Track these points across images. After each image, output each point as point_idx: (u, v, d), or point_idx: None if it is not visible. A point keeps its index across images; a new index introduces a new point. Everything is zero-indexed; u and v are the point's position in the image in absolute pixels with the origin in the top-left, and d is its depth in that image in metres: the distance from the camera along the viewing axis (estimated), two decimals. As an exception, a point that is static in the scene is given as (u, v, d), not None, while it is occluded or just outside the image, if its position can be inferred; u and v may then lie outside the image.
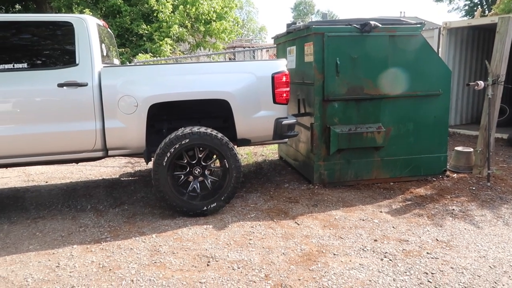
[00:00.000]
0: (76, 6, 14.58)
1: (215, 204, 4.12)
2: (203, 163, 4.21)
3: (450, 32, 8.61)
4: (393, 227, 3.79)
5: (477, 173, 5.31)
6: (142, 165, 6.54)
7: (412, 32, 4.82)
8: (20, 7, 18.71)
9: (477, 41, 9.18)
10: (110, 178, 5.82)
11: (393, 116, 4.94)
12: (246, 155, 6.91)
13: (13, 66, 4.00)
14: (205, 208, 4.09)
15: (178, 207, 4.06)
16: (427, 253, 3.27)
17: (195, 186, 4.20)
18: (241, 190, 4.84)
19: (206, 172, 4.24)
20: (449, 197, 4.57)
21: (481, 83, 5.12)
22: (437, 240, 3.51)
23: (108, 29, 5.20)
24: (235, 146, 4.29)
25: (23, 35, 4.28)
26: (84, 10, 13.16)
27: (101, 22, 4.76)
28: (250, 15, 58.78)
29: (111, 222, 4.06)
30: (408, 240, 3.50)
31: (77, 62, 4.07)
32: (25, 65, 4.05)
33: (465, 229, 3.73)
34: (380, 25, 4.69)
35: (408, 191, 4.77)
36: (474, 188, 4.86)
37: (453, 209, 4.20)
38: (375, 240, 3.50)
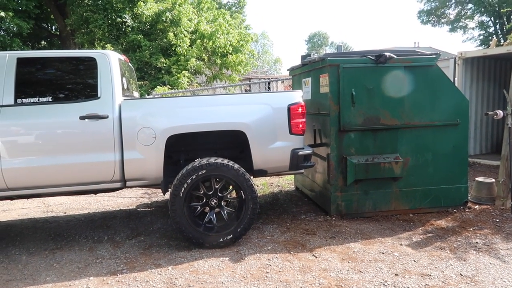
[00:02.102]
0: (98, 41, 15.20)
1: (231, 235, 4.08)
2: (220, 194, 4.21)
3: (465, 62, 8.60)
4: (414, 260, 3.67)
5: (500, 204, 5.15)
6: (158, 196, 6.57)
7: (428, 63, 4.84)
8: (45, 43, 19.60)
9: (493, 70, 9.13)
10: (127, 209, 5.85)
11: (411, 146, 4.89)
12: (262, 185, 6.88)
13: (38, 99, 4.15)
14: (221, 239, 4.05)
15: (194, 239, 4.04)
16: (452, 288, 3.15)
17: (212, 217, 4.19)
18: (257, 222, 4.80)
19: (222, 203, 4.23)
20: (471, 229, 4.43)
21: (500, 113, 5.06)
22: (461, 275, 3.38)
23: (129, 63, 5.38)
24: (252, 177, 4.29)
25: (48, 70, 4.48)
26: (106, 45, 13.70)
27: (123, 57, 4.94)
28: (265, 47, 60.15)
29: (128, 253, 4.05)
30: (430, 275, 3.38)
31: (99, 95, 4.20)
32: (49, 98, 4.20)
33: (490, 263, 3.59)
34: (395, 56, 4.74)
35: (428, 223, 4.64)
36: (497, 220, 4.70)
37: (477, 242, 4.06)
38: (396, 275, 3.40)
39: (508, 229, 4.39)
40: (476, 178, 5.61)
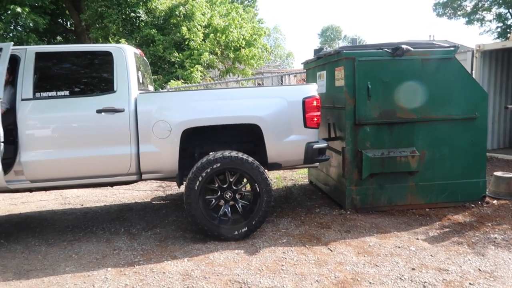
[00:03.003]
0: (112, 36, 15.33)
1: (246, 228, 4.10)
2: (234, 187, 4.22)
3: (484, 54, 8.42)
4: (431, 255, 3.63)
5: (519, 199, 5.06)
6: (173, 189, 6.63)
7: (446, 55, 4.75)
8: (61, 38, 19.87)
9: (512, 63, 8.93)
10: (142, 202, 5.92)
11: (427, 140, 4.82)
12: (275, 179, 6.88)
13: (56, 93, 4.21)
14: (236, 232, 4.07)
15: (209, 231, 4.06)
16: (470, 283, 3.11)
17: (226, 210, 4.21)
18: (271, 215, 4.80)
19: (237, 196, 4.24)
20: (490, 224, 4.36)
21: (520, 106, 4.95)
22: (480, 270, 3.34)
23: (144, 57, 5.42)
24: (266, 170, 4.29)
25: (65, 64, 4.54)
26: (120, 40, 13.81)
27: (138, 51, 4.97)
28: (277, 41, 59.87)
29: (144, 245, 4.10)
30: (448, 270, 3.34)
31: (115, 89, 4.23)
32: (67, 92, 4.26)
33: (509, 258, 3.53)
34: (412, 49, 4.66)
35: (445, 218, 4.58)
36: (516, 215, 4.62)
37: (495, 238, 3.99)
38: (413, 269, 3.37)
39: (528, 225, 4.32)
40: (494, 173, 5.51)
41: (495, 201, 5.12)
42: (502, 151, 8.61)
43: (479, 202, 5.00)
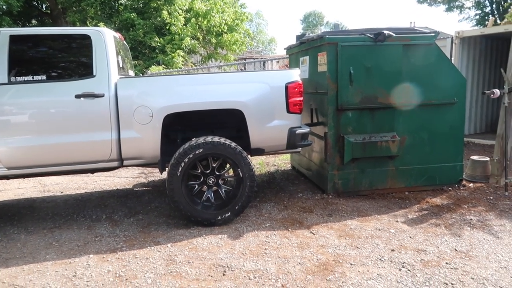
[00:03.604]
0: (90, 20, 14.91)
1: (229, 213, 4.11)
2: (217, 173, 4.21)
3: (463, 41, 8.57)
4: (410, 237, 3.73)
5: (494, 182, 5.22)
6: (155, 175, 6.58)
7: (427, 41, 4.81)
8: (36, 21, 19.19)
9: (490, 50, 9.12)
10: (124, 189, 5.86)
11: (407, 125, 4.90)
12: (258, 165, 6.91)
13: (33, 78, 4.09)
14: (219, 217, 4.09)
15: (192, 217, 4.06)
16: (446, 263, 3.21)
17: (209, 195, 4.21)
18: (254, 200, 4.83)
19: (220, 182, 4.24)
20: (466, 206, 4.49)
21: (497, 92, 5.07)
22: (456, 250, 3.45)
23: (124, 42, 5.29)
24: (249, 156, 4.29)
25: (42, 48, 4.39)
26: (99, 24, 13.44)
27: (117, 35, 4.85)
28: (259, 27, 59.32)
29: (126, 232, 4.08)
30: (426, 250, 3.44)
31: (94, 74, 4.14)
32: (44, 77, 4.13)
33: (484, 239, 3.66)
34: (394, 35, 4.69)
35: (424, 201, 4.70)
36: (491, 197, 4.77)
37: (471, 219, 4.12)
38: (392, 250, 3.46)
39: (502, 206, 4.47)
40: (471, 157, 5.66)
41: (471, 184, 5.28)
42: (479, 136, 8.86)
43: (456, 185, 5.15)
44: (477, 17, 29.47)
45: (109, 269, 3.26)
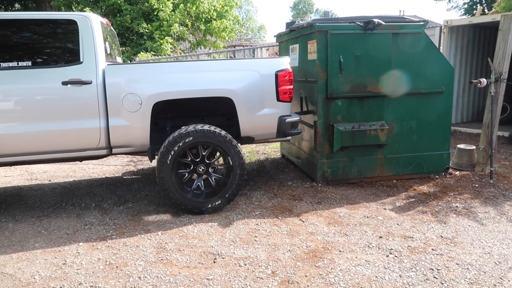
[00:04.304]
0: (76, 4, 14.57)
1: (219, 201, 4.12)
2: (207, 161, 4.21)
3: (451, 30, 8.63)
4: (397, 224, 3.80)
5: (480, 170, 5.32)
6: (144, 163, 6.54)
7: (416, 30, 4.82)
8: (19, 6, 18.68)
9: (478, 39, 9.20)
10: (113, 177, 5.82)
11: (396, 114, 4.95)
12: (248, 153, 6.91)
13: (17, 64, 4.00)
14: (209, 205, 4.10)
15: (182, 205, 4.06)
16: (432, 249, 3.28)
17: (199, 183, 4.21)
18: (244, 188, 4.85)
19: (210, 170, 4.24)
20: (452, 194, 4.58)
21: (484, 81, 5.14)
22: (442, 236, 3.53)
23: (111, 27, 5.20)
24: (239, 144, 4.29)
25: (27, 33, 4.27)
26: (85, 9, 13.15)
27: (105, 20, 4.76)
28: (249, 14, 58.81)
29: (116, 220, 4.07)
30: (413, 237, 3.51)
31: (81, 60, 4.06)
32: (29, 63, 4.05)
33: (469, 226, 3.75)
34: (384, 23, 4.70)
35: (411, 189, 4.78)
36: (477, 185, 4.87)
37: (457, 206, 4.21)
38: (380, 237, 3.52)
39: (487, 194, 4.57)
40: (458, 146, 5.75)
41: (457, 172, 5.37)
42: (466, 124, 8.99)
43: (443, 174, 5.24)
44: (466, 6, 29.60)
45: (99, 257, 3.25)
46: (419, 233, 3.61)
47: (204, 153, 4.18)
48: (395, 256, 3.18)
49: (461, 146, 5.71)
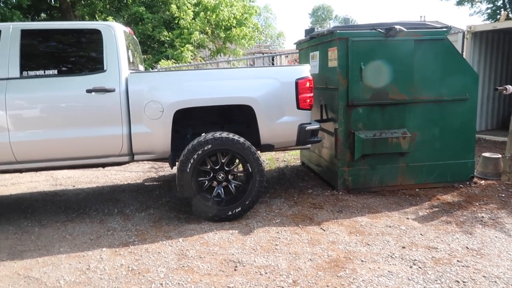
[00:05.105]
0: (99, 14, 14.95)
1: (239, 208, 4.13)
2: (226, 168, 4.22)
3: (474, 35, 8.46)
4: (421, 234, 3.72)
5: (506, 179, 5.17)
6: (165, 170, 6.62)
7: (438, 36, 4.75)
8: (45, 15, 19.28)
9: (502, 44, 8.99)
10: (134, 183, 5.91)
11: (418, 121, 4.87)
12: (268, 160, 6.91)
13: (44, 72, 4.12)
14: (230, 213, 4.10)
15: (203, 213, 4.09)
16: (458, 261, 3.20)
17: (219, 191, 4.22)
18: (265, 196, 4.84)
19: (229, 177, 4.25)
20: (477, 204, 4.46)
21: (510, 88, 5.02)
22: (467, 248, 3.43)
23: (133, 36, 5.31)
24: (258, 152, 4.29)
25: (53, 42, 4.41)
26: (107, 18, 13.48)
27: (127, 29, 4.86)
28: (268, 21, 59.09)
29: (138, 226, 4.12)
30: (437, 248, 3.43)
31: (105, 68, 4.16)
32: (55, 71, 4.17)
33: (496, 237, 3.63)
34: (405, 30, 4.65)
35: (434, 198, 4.68)
36: (503, 195, 4.73)
37: (483, 217, 4.10)
38: (403, 247, 3.45)
39: (514, 204, 4.43)
40: (483, 154, 5.61)
41: (483, 182, 5.23)
42: (490, 132, 8.76)
43: (468, 183, 5.11)
44: (489, 11, 29.00)
45: (122, 263, 3.30)
46: (444, 243, 3.52)
47: (223, 161, 4.20)
48: (419, 267, 3.11)
49: (486, 154, 5.57)
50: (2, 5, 14.96)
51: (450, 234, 3.71)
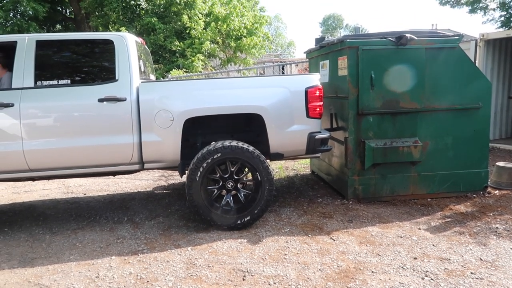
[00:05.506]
0: (112, 24, 15.21)
1: (248, 217, 4.11)
2: (236, 177, 4.22)
3: (487, 43, 8.36)
4: (433, 245, 3.65)
5: (521, 189, 5.06)
6: (175, 178, 6.64)
7: (450, 44, 4.71)
8: (60, 26, 19.72)
9: (516, 52, 8.86)
10: (144, 191, 5.94)
11: (430, 130, 4.81)
12: (277, 169, 6.89)
13: (58, 82, 4.20)
14: (239, 221, 4.09)
15: (212, 221, 4.08)
16: (471, 273, 3.12)
17: (229, 200, 4.22)
18: (274, 205, 4.82)
19: (238, 186, 4.25)
20: (491, 214, 4.37)
21: (524, 96, 4.92)
22: (481, 259, 3.35)
23: (145, 46, 5.38)
24: (268, 160, 4.28)
25: (66, 52, 4.50)
26: (121, 28, 13.71)
27: (139, 39, 4.93)
28: (278, 30, 59.42)
29: (147, 234, 4.13)
30: (450, 259, 3.36)
31: (117, 78, 4.21)
32: (68, 81, 4.24)
33: (511, 248, 3.54)
34: (416, 38, 4.62)
35: (447, 208, 4.60)
36: (518, 205, 4.63)
37: (497, 228, 4.01)
38: (415, 258, 3.39)
39: (529, 215, 4.33)
40: (497, 163, 5.51)
41: (497, 191, 5.13)
42: (504, 141, 8.61)
43: (481, 192, 5.01)
44: (502, 18, 28.70)
45: (130, 271, 3.30)
46: (457, 255, 3.44)
47: (232, 169, 4.20)
48: (431, 279, 3.04)
49: (501, 163, 5.46)
50: (19, 16, 15.35)
51: (463, 245, 3.64)
